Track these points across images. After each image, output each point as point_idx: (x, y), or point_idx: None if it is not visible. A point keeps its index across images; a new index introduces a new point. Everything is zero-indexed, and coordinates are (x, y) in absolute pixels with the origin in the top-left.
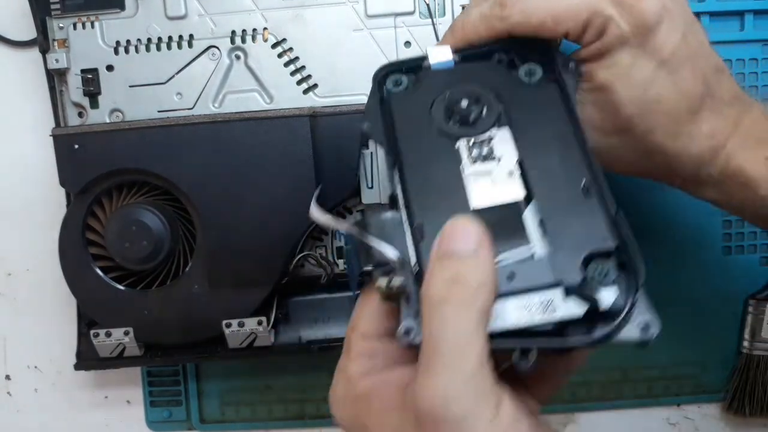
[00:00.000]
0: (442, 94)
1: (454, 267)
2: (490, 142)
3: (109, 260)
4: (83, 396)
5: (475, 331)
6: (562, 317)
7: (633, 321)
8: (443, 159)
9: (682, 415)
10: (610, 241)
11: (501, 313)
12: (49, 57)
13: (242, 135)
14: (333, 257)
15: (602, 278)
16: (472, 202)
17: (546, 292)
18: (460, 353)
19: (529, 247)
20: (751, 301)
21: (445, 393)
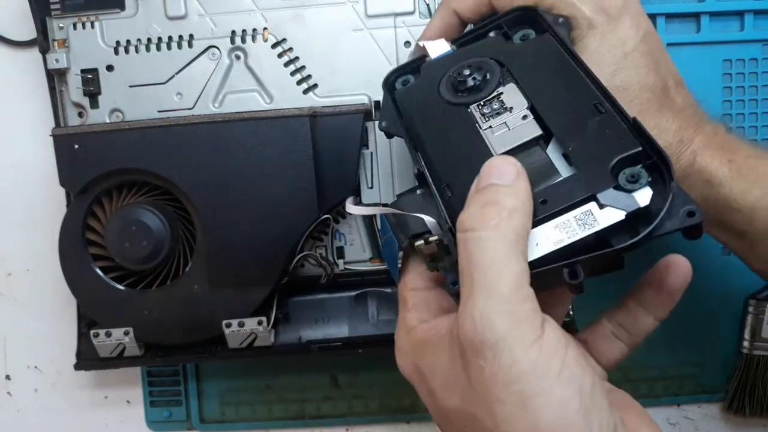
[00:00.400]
0: (446, 74)
1: (489, 195)
2: (499, 98)
3: (109, 260)
4: (83, 396)
5: (509, 253)
6: (603, 226)
7: (675, 211)
8: (460, 126)
9: (682, 414)
10: (635, 144)
11: (541, 239)
12: (49, 57)
13: (242, 135)
14: (333, 257)
15: (634, 182)
16: (496, 150)
17: (581, 207)
18: (495, 276)
19: (558, 175)
20: (751, 301)
21: (482, 317)
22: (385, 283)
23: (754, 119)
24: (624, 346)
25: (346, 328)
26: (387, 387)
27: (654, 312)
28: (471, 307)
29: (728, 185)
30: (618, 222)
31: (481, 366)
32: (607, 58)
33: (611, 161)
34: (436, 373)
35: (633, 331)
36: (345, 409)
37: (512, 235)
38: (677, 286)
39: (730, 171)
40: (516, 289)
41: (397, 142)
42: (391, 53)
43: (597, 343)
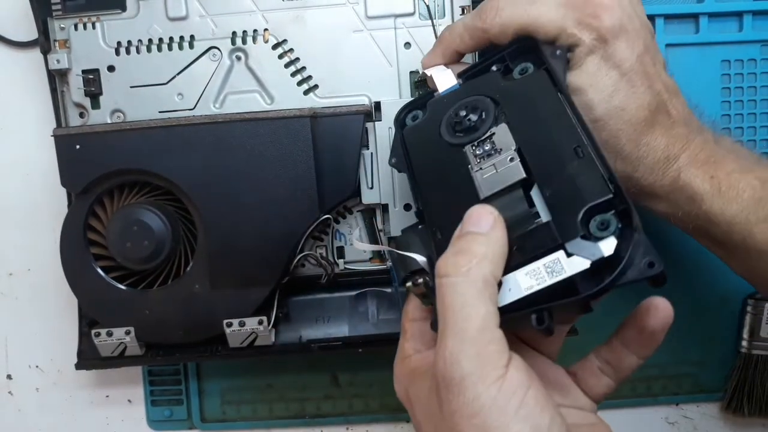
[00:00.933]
0: (447, 114)
1: (463, 243)
2: (491, 139)
3: (110, 260)
4: (84, 395)
5: (477, 297)
6: (569, 274)
7: (637, 261)
8: (454, 167)
9: (680, 414)
10: (607, 192)
11: (513, 285)
12: (51, 57)
13: (243, 135)
14: (333, 257)
15: (604, 230)
16: (482, 193)
17: (551, 255)
18: (464, 319)
19: (537, 220)
20: (750, 300)
21: (451, 355)
22: (385, 283)
23: (753, 120)
24: (611, 381)
25: (347, 328)
26: (387, 386)
27: (637, 352)
28: (443, 347)
29: (709, 201)
30: (584, 270)
31: (449, 400)
32: (605, 80)
33: (582, 208)
34: (419, 401)
35: (618, 369)
36: (345, 407)
37: (480, 282)
38: (657, 328)
39: (711, 188)
40: (482, 332)
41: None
42: (391, 54)
43: (585, 378)
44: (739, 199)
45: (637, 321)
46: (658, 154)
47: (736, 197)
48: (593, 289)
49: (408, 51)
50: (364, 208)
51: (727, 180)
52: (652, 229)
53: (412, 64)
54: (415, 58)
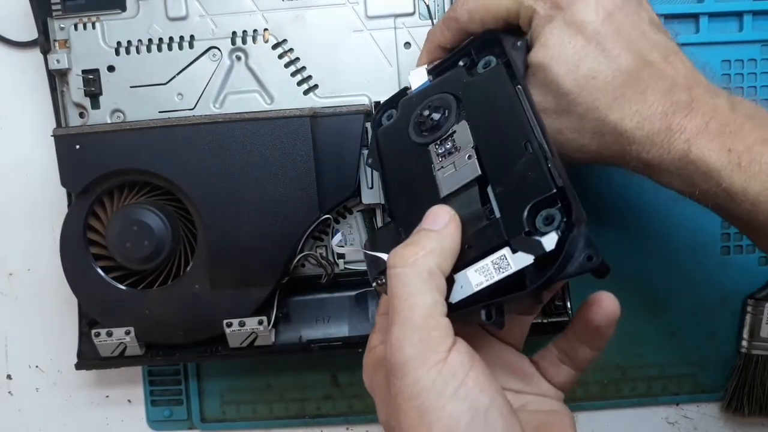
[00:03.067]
0: (414, 113)
1: (413, 238)
2: (452, 137)
3: (110, 260)
4: (84, 395)
5: (422, 287)
6: (515, 269)
7: (576, 256)
8: (419, 167)
9: (681, 414)
10: (550, 187)
11: (464, 282)
12: (50, 57)
13: (243, 135)
14: (333, 257)
15: (549, 224)
16: (442, 192)
17: (497, 252)
18: (409, 307)
19: (491, 217)
20: (750, 300)
21: (396, 341)
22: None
23: None
24: (570, 370)
25: (347, 328)
26: None
27: (589, 344)
28: (390, 334)
29: (728, 178)
30: (528, 265)
31: (394, 383)
32: (568, 49)
33: (527, 204)
34: (379, 388)
35: (575, 359)
36: (345, 407)
37: (425, 273)
38: (602, 323)
39: (729, 162)
40: (426, 319)
41: None
42: (391, 54)
43: (546, 367)
44: (763, 175)
45: (583, 316)
46: (655, 124)
47: (759, 173)
48: (536, 283)
49: (408, 51)
50: (364, 208)
51: (747, 154)
52: (652, 228)
53: (412, 64)
54: (415, 58)
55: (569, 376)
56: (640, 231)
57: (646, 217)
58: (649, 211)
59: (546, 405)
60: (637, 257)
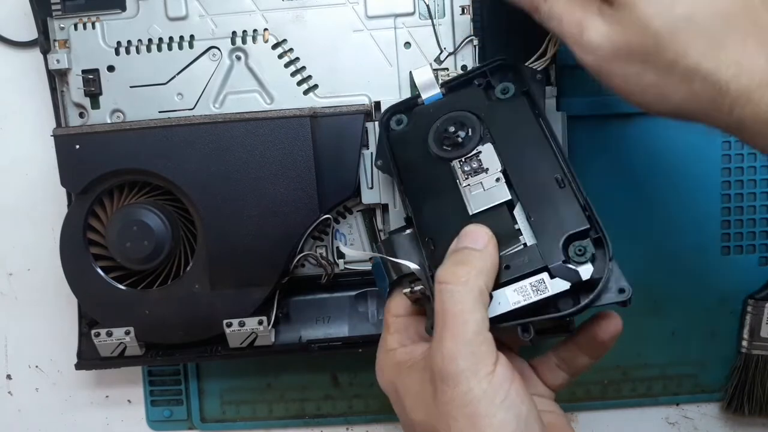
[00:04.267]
0: (434, 125)
1: (462, 256)
2: (477, 157)
3: (110, 260)
4: (84, 395)
5: (474, 305)
6: (552, 294)
7: (611, 287)
8: (443, 180)
9: (681, 414)
10: (584, 223)
11: (502, 299)
12: (50, 57)
13: (243, 135)
14: (333, 257)
15: (581, 255)
16: (471, 209)
17: (536, 275)
18: (462, 322)
19: (521, 239)
20: (750, 300)
21: (449, 353)
22: None
23: None
24: (566, 375)
25: (347, 328)
26: None
27: (589, 354)
28: (442, 346)
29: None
30: (564, 290)
31: (445, 390)
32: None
33: (563, 235)
34: (408, 391)
35: (572, 366)
36: (345, 408)
37: (477, 291)
38: (607, 338)
39: None
40: (476, 335)
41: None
42: (391, 54)
43: (544, 371)
44: None
45: (591, 331)
46: (755, 77)
47: None
48: (571, 308)
49: (408, 51)
50: (364, 208)
51: None
52: (652, 228)
53: (412, 64)
54: (415, 58)
55: (564, 380)
56: (641, 231)
57: (647, 217)
58: (649, 211)
59: (543, 405)
60: (637, 257)
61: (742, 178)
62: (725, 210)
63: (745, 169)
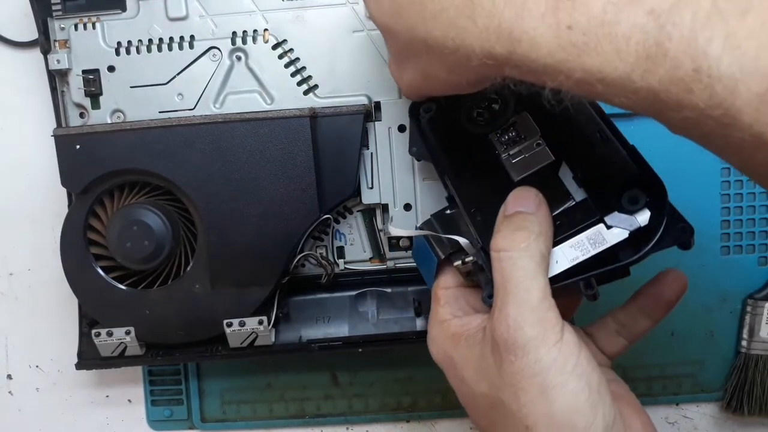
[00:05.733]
0: (465, 104)
1: (517, 221)
2: (514, 127)
3: (110, 260)
4: (84, 395)
5: (536, 270)
6: (610, 244)
7: (671, 229)
8: (481, 154)
9: (680, 414)
10: (633, 169)
11: (560, 257)
12: (51, 57)
13: (243, 135)
14: (333, 257)
15: (635, 203)
16: (515, 177)
17: (592, 228)
18: (525, 289)
19: (570, 197)
20: (750, 300)
21: (515, 322)
22: (385, 283)
23: None
24: (625, 341)
25: (347, 328)
26: (387, 386)
27: (652, 316)
28: (505, 314)
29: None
30: (623, 240)
31: (512, 361)
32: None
33: (614, 186)
34: (468, 363)
35: (633, 330)
36: (345, 407)
37: (538, 256)
38: (673, 297)
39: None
40: (542, 301)
41: (397, 143)
42: None
43: (601, 338)
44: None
45: (655, 290)
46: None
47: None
48: (633, 256)
49: None
50: (364, 208)
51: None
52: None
53: None
54: None
55: (622, 346)
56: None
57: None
58: None
59: (605, 374)
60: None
61: (741, 178)
62: (725, 210)
63: None
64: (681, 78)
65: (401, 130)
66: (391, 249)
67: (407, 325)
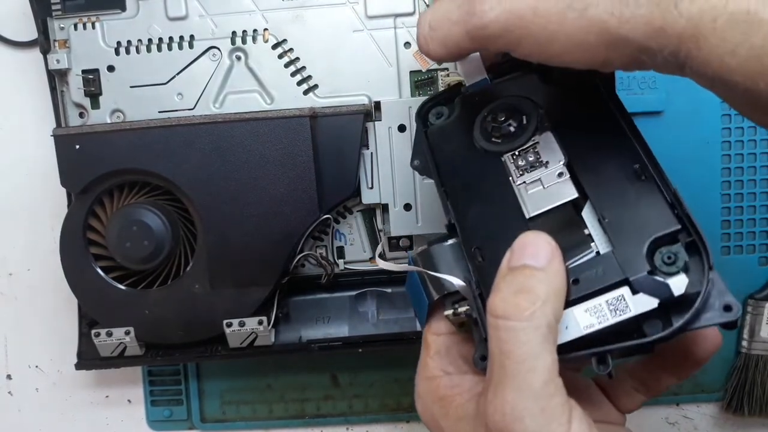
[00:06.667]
0: (480, 115)
1: (522, 280)
2: (535, 149)
3: (110, 260)
4: (84, 395)
5: (542, 345)
6: (635, 313)
7: (712, 304)
8: (492, 177)
9: (681, 414)
10: (673, 223)
11: (571, 322)
12: (50, 57)
13: (243, 135)
14: (333, 257)
15: (671, 264)
16: (528, 211)
17: (614, 291)
18: (527, 370)
19: (592, 246)
20: (750, 300)
21: (513, 411)
22: (385, 283)
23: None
24: (643, 397)
25: (346, 328)
26: (387, 386)
27: (677, 374)
28: (501, 399)
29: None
30: (651, 309)
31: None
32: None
33: (647, 239)
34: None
35: (653, 388)
36: (345, 408)
37: (545, 327)
38: (705, 356)
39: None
40: (546, 384)
41: (397, 143)
42: (391, 54)
43: (617, 395)
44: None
45: (685, 349)
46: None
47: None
48: (662, 332)
49: (408, 51)
50: (364, 208)
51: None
52: None
53: (412, 64)
54: (414, 58)
55: (639, 402)
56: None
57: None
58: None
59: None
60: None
61: (742, 178)
62: (725, 210)
63: (745, 169)
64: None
65: (401, 130)
66: (391, 249)
67: (407, 325)
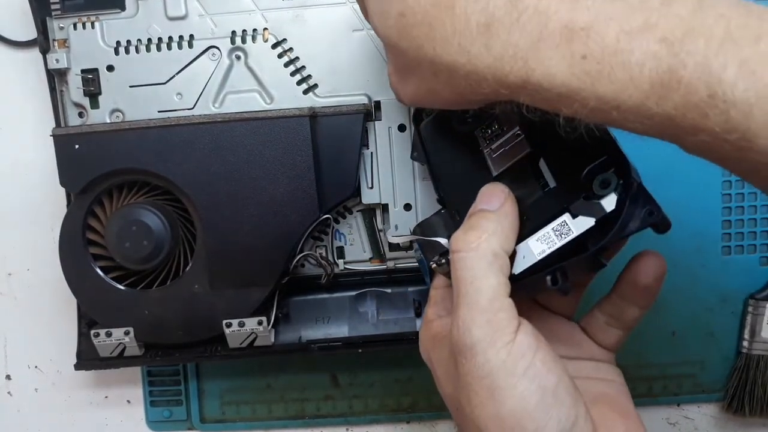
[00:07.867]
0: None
1: (473, 221)
2: (497, 120)
3: (109, 260)
4: (83, 396)
5: (487, 270)
6: (577, 234)
7: (637, 212)
8: (468, 152)
9: (681, 414)
10: (602, 153)
11: (526, 252)
12: (50, 57)
13: (242, 135)
14: (333, 257)
15: (606, 188)
16: (494, 171)
17: (558, 219)
18: (475, 290)
19: (547, 188)
20: (751, 300)
21: (464, 323)
22: (385, 283)
23: None
24: (619, 331)
25: (346, 328)
26: (387, 386)
27: (637, 303)
28: (456, 317)
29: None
30: (590, 228)
31: (463, 363)
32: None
33: (582, 172)
34: (440, 364)
35: (622, 320)
36: (345, 408)
37: (490, 255)
38: (650, 281)
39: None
40: (492, 301)
41: (397, 142)
42: None
43: (594, 332)
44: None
45: (631, 276)
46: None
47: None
48: (599, 243)
49: None
50: (364, 208)
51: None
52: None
53: None
54: None
55: (618, 336)
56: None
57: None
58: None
59: (600, 371)
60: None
61: None
62: (726, 210)
63: None
64: (696, 104)
65: (401, 130)
66: (391, 249)
67: (407, 325)
